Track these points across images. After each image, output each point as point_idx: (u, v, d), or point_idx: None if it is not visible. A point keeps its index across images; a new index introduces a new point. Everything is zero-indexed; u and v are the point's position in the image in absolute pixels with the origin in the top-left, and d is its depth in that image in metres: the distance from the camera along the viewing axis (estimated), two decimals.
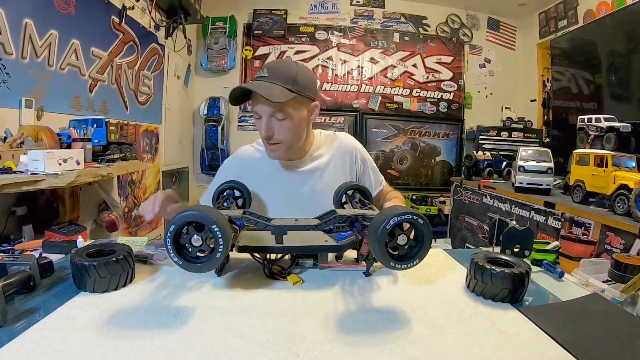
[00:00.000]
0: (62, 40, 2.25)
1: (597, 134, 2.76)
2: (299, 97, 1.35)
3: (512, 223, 1.27)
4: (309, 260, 1.16)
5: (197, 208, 0.85)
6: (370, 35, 4.98)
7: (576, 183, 2.63)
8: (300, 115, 1.40)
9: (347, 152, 1.60)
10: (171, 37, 3.79)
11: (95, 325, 0.81)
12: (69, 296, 0.94)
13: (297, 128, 1.40)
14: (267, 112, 1.34)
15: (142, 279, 1.07)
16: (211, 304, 0.93)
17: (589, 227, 2.37)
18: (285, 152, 1.45)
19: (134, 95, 3.23)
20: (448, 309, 0.93)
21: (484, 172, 3.94)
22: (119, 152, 2.28)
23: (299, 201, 1.50)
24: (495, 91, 5.15)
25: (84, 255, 0.99)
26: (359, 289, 1.05)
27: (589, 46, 3.85)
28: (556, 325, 0.86)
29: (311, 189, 1.52)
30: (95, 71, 2.61)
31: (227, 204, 1.30)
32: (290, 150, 1.47)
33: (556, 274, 1.19)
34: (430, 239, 0.86)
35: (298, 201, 1.50)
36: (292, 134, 1.40)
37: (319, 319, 0.87)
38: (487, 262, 1.00)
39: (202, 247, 0.85)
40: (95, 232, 2.44)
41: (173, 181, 4.09)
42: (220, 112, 4.65)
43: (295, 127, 1.39)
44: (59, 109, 2.27)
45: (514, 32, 5.19)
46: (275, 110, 1.33)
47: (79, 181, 1.75)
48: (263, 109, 1.34)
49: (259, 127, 1.39)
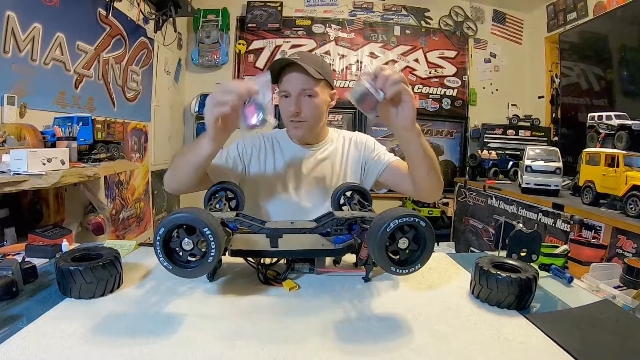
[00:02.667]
0: (46, 33, 2.24)
1: (608, 133, 2.76)
2: (325, 81, 1.55)
3: (518, 226, 1.27)
4: (305, 265, 1.16)
5: (187, 210, 0.85)
6: (369, 29, 4.99)
7: (586, 184, 2.64)
8: (325, 97, 1.58)
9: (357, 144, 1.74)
10: (161, 30, 3.79)
11: (81, 333, 0.80)
12: (53, 302, 0.93)
13: (321, 108, 1.58)
14: (298, 90, 1.51)
15: (130, 284, 1.07)
16: (203, 311, 0.93)
17: (600, 230, 2.38)
18: (308, 131, 1.61)
19: (122, 92, 3.23)
20: (451, 316, 0.93)
21: (489, 172, 3.94)
22: (105, 151, 2.27)
23: (306, 181, 1.65)
24: (501, 87, 5.16)
25: (69, 259, 0.99)
26: (357, 295, 1.05)
27: (599, 40, 3.86)
28: (565, 333, 0.86)
29: (319, 173, 1.66)
30: (81, 66, 2.61)
31: (220, 205, 1.30)
32: (312, 132, 1.64)
33: (565, 279, 1.19)
34: (433, 242, 0.86)
35: (305, 180, 1.65)
36: (317, 113, 1.57)
37: (316, 326, 0.87)
38: (492, 266, 1.00)
39: (194, 251, 0.85)
40: (81, 236, 2.43)
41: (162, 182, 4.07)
42: None
43: (320, 107, 1.57)
44: (43, 106, 2.27)
45: (520, 25, 5.20)
46: (306, 87, 1.51)
47: (64, 182, 1.74)
48: (296, 85, 1.51)
49: (286, 105, 1.54)
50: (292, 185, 1.64)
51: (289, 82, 1.52)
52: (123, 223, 3.32)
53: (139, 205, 3.65)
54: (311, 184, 1.64)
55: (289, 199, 1.62)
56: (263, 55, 4.88)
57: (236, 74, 4.84)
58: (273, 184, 1.64)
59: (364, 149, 1.72)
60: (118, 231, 3.23)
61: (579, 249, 1.35)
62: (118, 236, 3.20)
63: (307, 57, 1.55)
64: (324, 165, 1.67)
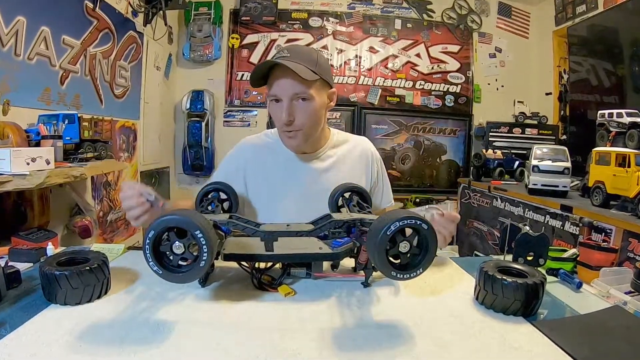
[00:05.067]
0: (30, 27, 2.23)
1: (619, 131, 2.76)
2: (321, 80, 1.42)
3: (525, 228, 1.28)
4: (301, 269, 1.16)
5: (179, 212, 0.85)
6: (369, 22, 4.98)
7: (596, 184, 2.64)
8: (322, 100, 1.46)
9: (364, 156, 1.67)
10: (150, 24, 3.78)
11: (67, 340, 0.80)
12: (37, 309, 0.93)
13: (318, 113, 1.45)
14: (290, 94, 1.38)
15: (118, 290, 1.07)
16: (194, 318, 0.93)
17: (610, 233, 2.38)
18: (304, 140, 1.49)
19: (110, 88, 3.22)
20: (455, 323, 0.94)
21: (494, 172, 3.95)
22: (93, 150, 2.27)
23: (308, 196, 1.54)
24: (506, 83, 5.16)
25: (54, 264, 0.99)
26: (356, 301, 1.05)
27: (610, 34, 3.86)
28: (574, 341, 0.86)
29: (323, 186, 1.53)
30: (66, 61, 2.60)
31: (212, 207, 1.30)
32: (308, 140, 1.51)
33: (574, 284, 1.20)
34: (435, 246, 0.87)
35: (307, 196, 1.54)
36: (313, 119, 1.45)
37: (313, 334, 0.87)
38: (497, 271, 1.01)
39: (185, 255, 0.85)
40: (66, 239, 2.42)
41: (152, 182, 4.07)
42: (204, 107, 4.63)
43: (317, 111, 1.44)
44: (27, 103, 2.25)
45: (527, 18, 5.20)
46: (298, 91, 1.38)
47: (49, 182, 1.74)
48: (286, 90, 1.38)
49: (277, 112, 1.43)
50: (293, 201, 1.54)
51: (278, 85, 1.39)
52: (111, 226, 3.31)
53: None
54: (314, 199, 1.51)
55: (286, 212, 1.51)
56: (257, 50, 4.87)
57: (229, 69, 4.82)
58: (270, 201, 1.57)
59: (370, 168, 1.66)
60: (106, 234, 3.22)
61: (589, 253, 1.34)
62: (106, 239, 3.19)
63: (299, 53, 1.41)
64: (328, 177, 1.57)
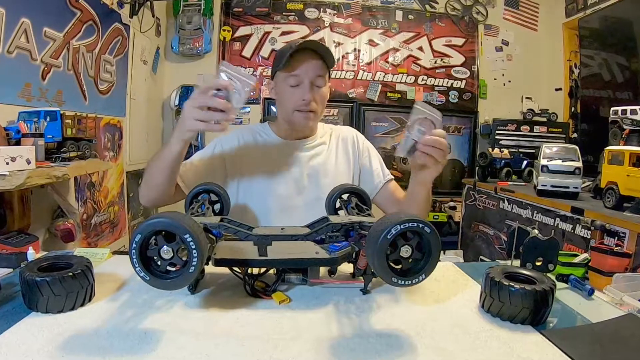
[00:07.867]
0: (9, 19, 2.23)
1: (633, 128, 2.77)
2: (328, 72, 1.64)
3: (534, 232, 1.28)
4: (297, 275, 1.16)
5: (167, 215, 0.85)
6: (368, 14, 4.99)
7: (608, 185, 2.64)
8: (328, 90, 1.66)
9: (349, 139, 1.81)
10: (137, 15, 3.77)
11: (48, 351, 0.80)
12: (17, 317, 0.93)
13: (326, 100, 1.66)
14: (312, 76, 1.56)
15: (103, 297, 1.06)
16: (183, 327, 0.93)
17: (624, 237, 2.38)
18: (315, 123, 1.71)
19: (94, 84, 3.21)
20: (459, 333, 0.94)
21: (501, 172, 3.95)
22: (76, 149, 2.27)
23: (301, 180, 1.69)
24: (514, 78, 5.17)
25: (35, 269, 0.98)
26: (355, 308, 1.05)
27: (623, 26, 3.87)
28: (585, 351, 0.86)
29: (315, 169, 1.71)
30: (48, 55, 2.59)
31: (202, 209, 1.30)
32: (315, 124, 1.74)
33: (585, 291, 1.20)
34: (439, 250, 0.87)
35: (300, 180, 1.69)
36: (324, 104, 1.66)
37: (309, 343, 0.87)
38: (504, 277, 1.01)
39: (173, 260, 0.85)
40: (48, 243, 2.42)
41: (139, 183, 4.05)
42: None
43: (326, 99, 1.66)
44: (7, 99, 2.25)
45: (536, 9, 5.21)
46: (320, 74, 1.57)
47: (30, 183, 1.73)
48: (309, 71, 1.55)
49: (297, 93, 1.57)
50: (283, 180, 1.68)
51: (302, 66, 1.55)
52: (95, 229, 3.30)
53: (113, 209, 3.63)
54: (303, 178, 1.69)
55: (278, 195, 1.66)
56: (250, 43, 4.87)
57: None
58: (261, 181, 1.67)
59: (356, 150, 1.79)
60: (90, 238, 3.22)
61: (601, 258, 1.35)
62: (90, 244, 3.18)
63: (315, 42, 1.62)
64: (317, 160, 1.72)
